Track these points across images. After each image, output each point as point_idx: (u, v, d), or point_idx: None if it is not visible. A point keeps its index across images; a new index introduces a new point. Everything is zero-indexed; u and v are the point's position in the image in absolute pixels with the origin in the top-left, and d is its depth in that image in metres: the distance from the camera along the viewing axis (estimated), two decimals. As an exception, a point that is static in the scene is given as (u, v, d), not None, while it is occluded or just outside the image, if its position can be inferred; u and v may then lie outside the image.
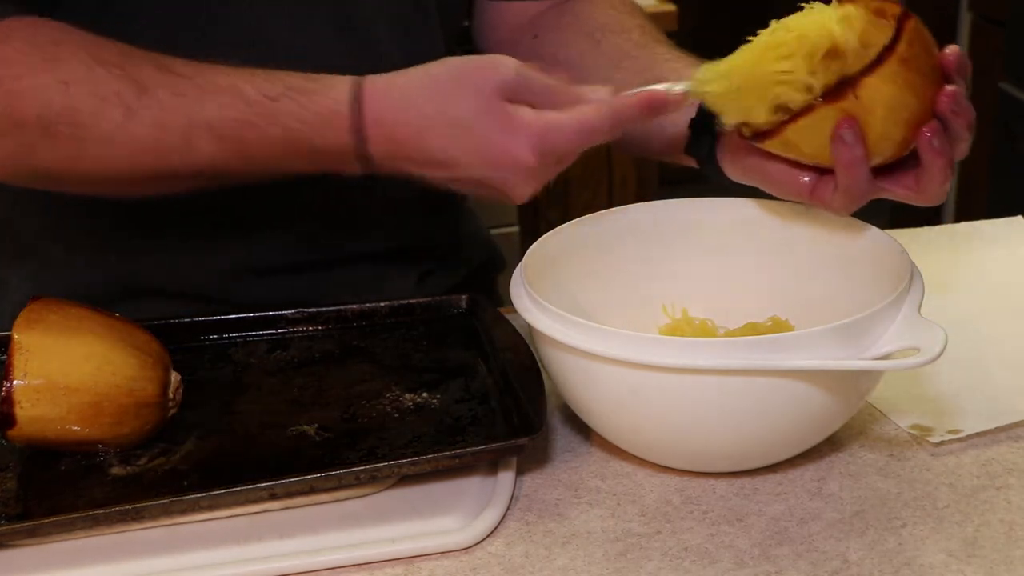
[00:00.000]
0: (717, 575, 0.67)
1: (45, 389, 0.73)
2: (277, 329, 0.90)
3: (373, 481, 0.72)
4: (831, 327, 0.68)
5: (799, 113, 0.73)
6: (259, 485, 0.69)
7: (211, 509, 0.70)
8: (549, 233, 0.83)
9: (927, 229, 1.10)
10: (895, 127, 0.73)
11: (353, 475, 0.70)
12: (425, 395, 0.81)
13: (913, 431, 0.78)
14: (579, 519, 0.72)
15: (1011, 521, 0.70)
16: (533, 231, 2.04)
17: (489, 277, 1.13)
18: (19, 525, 0.69)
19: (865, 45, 0.72)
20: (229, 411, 0.80)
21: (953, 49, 0.74)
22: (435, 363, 0.85)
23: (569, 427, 0.81)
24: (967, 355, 0.85)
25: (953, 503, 0.72)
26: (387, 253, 1.01)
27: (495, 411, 0.78)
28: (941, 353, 0.66)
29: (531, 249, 0.80)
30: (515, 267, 0.79)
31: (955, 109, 0.72)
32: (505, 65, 0.74)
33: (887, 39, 0.72)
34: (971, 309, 0.94)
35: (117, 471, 0.74)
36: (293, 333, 0.90)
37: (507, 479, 0.74)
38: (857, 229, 0.81)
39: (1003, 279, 1.01)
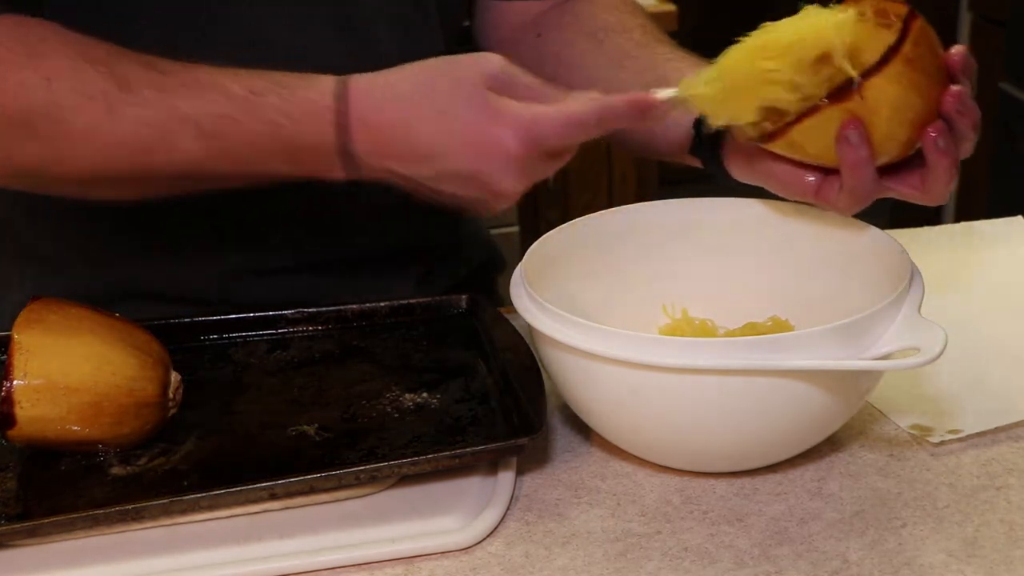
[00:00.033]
0: (717, 575, 0.67)
1: (45, 389, 0.73)
2: (277, 329, 0.90)
3: (373, 481, 0.72)
4: (831, 327, 0.68)
5: (804, 114, 0.73)
6: (259, 485, 0.69)
7: (211, 509, 0.70)
8: (549, 233, 0.83)
9: (927, 229, 1.10)
10: (900, 127, 0.73)
11: (353, 475, 0.70)
12: (425, 395, 0.81)
13: (913, 431, 0.78)
14: (579, 519, 0.72)
15: (1011, 521, 0.70)
16: (533, 231, 2.04)
17: (489, 277, 1.13)
18: (19, 525, 0.69)
19: (857, 52, 0.72)
20: (229, 411, 0.80)
21: (958, 49, 0.73)
22: (435, 363, 0.85)
23: (569, 427, 0.81)
24: (967, 355, 0.85)
25: (953, 503, 0.72)
26: (387, 253, 1.00)
27: (495, 411, 0.78)
28: (941, 353, 0.66)
29: (531, 249, 0.80)
30: (515, 267, 0.79)
31: (960, 109, 0.72)
32: (490, 60, 0.74)
33: (892, 39, 0.71)
34: (971, 309, 0.94)
35: (117, 471, 0.74)
36: (293, 333, 0.90)
37: (507, 479, 0.74)
38: (857, 229, 0.81)
39: (1003, 279, 1.00)
